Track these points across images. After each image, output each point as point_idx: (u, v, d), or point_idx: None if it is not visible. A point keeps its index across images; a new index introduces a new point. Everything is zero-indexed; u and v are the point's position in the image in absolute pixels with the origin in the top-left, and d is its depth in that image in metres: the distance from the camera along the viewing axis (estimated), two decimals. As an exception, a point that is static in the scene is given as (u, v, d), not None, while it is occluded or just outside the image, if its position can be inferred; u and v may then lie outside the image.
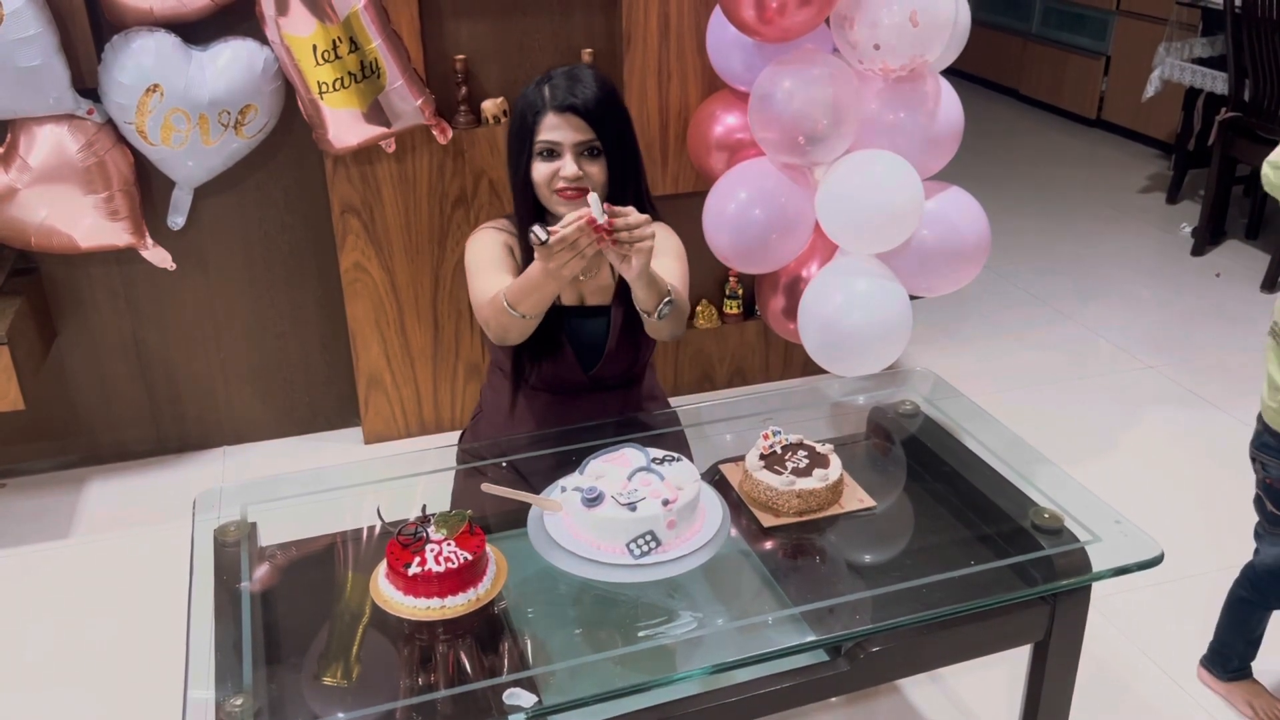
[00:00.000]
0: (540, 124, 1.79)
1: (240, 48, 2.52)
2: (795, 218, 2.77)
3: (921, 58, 2.64)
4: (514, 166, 1.86)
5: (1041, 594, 1.60)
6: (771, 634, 1.50)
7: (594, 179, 1.81)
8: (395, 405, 3.02)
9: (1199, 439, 3.06)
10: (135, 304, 2.82)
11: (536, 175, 1.82)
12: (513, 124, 1.85)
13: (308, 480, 1.88)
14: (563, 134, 1.79)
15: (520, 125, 1.82)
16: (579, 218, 1.58)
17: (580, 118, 1.78)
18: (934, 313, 3.68)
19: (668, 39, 2.84)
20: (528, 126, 1.80)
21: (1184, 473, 2.91)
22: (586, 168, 1.80)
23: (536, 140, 1.80)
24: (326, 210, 2.82)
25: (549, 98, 1.79)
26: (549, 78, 1.82)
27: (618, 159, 1.83)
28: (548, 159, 1.80)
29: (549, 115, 1.78)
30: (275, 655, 1.48)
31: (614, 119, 1.82)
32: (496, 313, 1.76)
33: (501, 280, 1.82)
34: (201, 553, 1.64)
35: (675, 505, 1.54)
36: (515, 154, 1.85)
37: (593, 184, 1.81)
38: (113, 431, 2.93)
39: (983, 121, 5.72)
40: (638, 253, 1.61)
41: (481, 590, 1.49)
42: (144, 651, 2.26)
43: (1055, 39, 6.05)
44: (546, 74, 1.84)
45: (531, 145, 1.81)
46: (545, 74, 1.84)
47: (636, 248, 1.61)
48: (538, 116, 1.79)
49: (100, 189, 2.52)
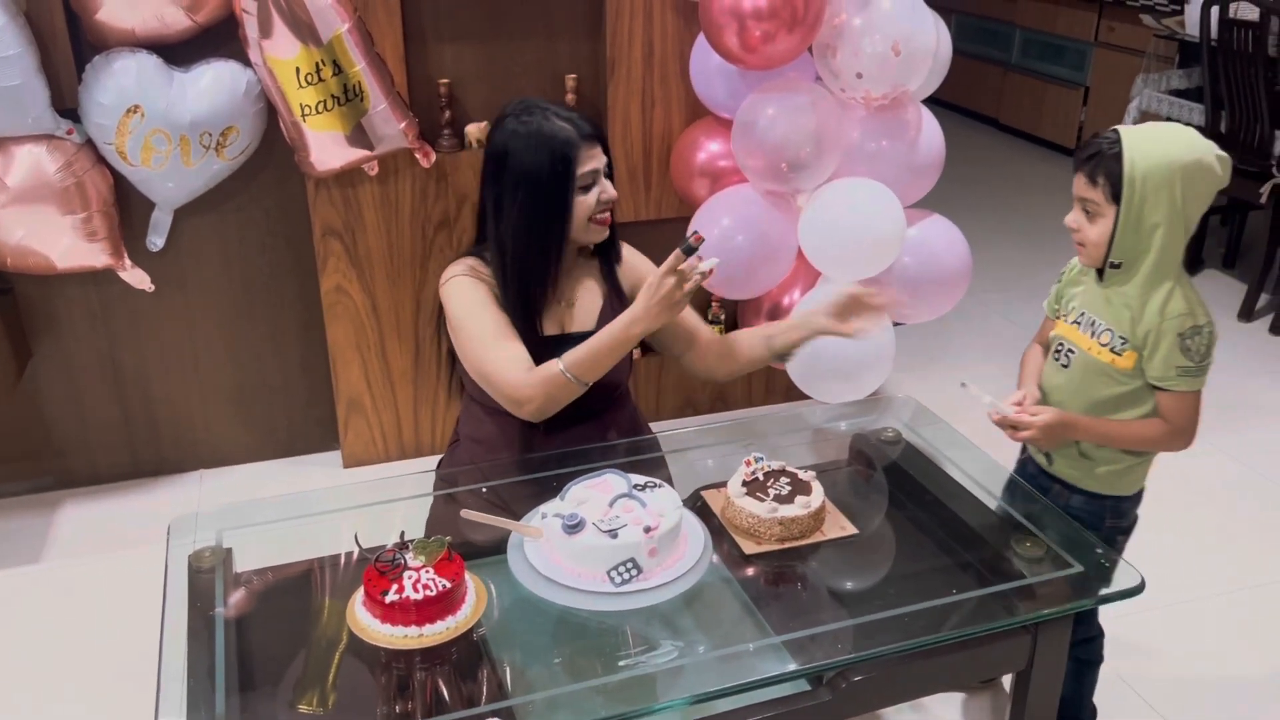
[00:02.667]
0: (579, 156, 1.79)
1: (223, 69, 2.52)
2: (778, 244, 2.78)
3: (903, 87, 2.66)
4: (546, 206, 1.80)
5: (1023, 623, 1.60)
6: (753, 663, 1.49)
7: (615, 197, 1.88)
8: (375, 429, 3.00)
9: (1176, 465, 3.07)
10: (112, 325, 2.79)
11: (582, 209, 1.82)
12: (536, 166, 1.77)
13: (285, 505, 1.86)
14: (597, 161, 1.82)
15: (555, 166, 1.77)
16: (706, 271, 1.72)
17: (599, 143, 1.83)
18: (916, 340, 3.70)
19: (652, 66, 2.85)
20: (569, 162, 1.77)
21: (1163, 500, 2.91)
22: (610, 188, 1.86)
23: (579, 173, 1.79)
24: (308, 232, 2.80)
25: (574, 131, 1.78)
26: (537, 112, 1.79)
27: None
28: (588, 190, 1.82)
29: (583, 146, 1.79)
30: (249, 683, 1.45)
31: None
32: (553, 388, 1.74)
33: (515, 348, 1.79)
34: (176, 578, 1.62)
35: (657, 532, 1.53)
36: (553, 193, 1.79)
37: (615, 202, 1.88)
38: (87, 454, 2.90)
39: (963, 150, 5.78)
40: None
41: (460, 618, 1.47)
42: (116, 679, 2.22)
43: (1035, 69, 6.12)
44: (530, 110, 1.80)
45: (572, 182, 1.79)
46: (525, 111, 1.80)
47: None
48: (575, 150, 1.78)
49: (79, 209, 2.50)
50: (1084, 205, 1.66)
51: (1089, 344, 1.73)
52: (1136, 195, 1.59)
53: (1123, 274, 1.66)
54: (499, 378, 1.78)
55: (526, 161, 1.78)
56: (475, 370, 1.83)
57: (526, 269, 1.83)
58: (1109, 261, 1.66)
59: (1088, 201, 1.65)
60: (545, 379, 1.75)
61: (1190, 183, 1.59)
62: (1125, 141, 1.60)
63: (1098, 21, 5.61)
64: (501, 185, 1.81)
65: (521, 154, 1.78)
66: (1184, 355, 1.64)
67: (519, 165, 1.79)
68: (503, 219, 1.82)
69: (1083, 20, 5.70)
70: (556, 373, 1.74)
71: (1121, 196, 1.60)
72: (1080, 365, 1.74)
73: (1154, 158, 1.58)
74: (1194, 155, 1.59)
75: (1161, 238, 1.61)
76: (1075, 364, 1.75)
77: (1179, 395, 1.67)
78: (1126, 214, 1.60)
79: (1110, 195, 1.61)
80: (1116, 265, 1.66)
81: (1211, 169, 1.60)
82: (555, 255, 1.84)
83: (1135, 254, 1.64)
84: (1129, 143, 1.60)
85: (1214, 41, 3.86)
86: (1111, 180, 1.60)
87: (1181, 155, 1.58)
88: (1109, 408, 1.73)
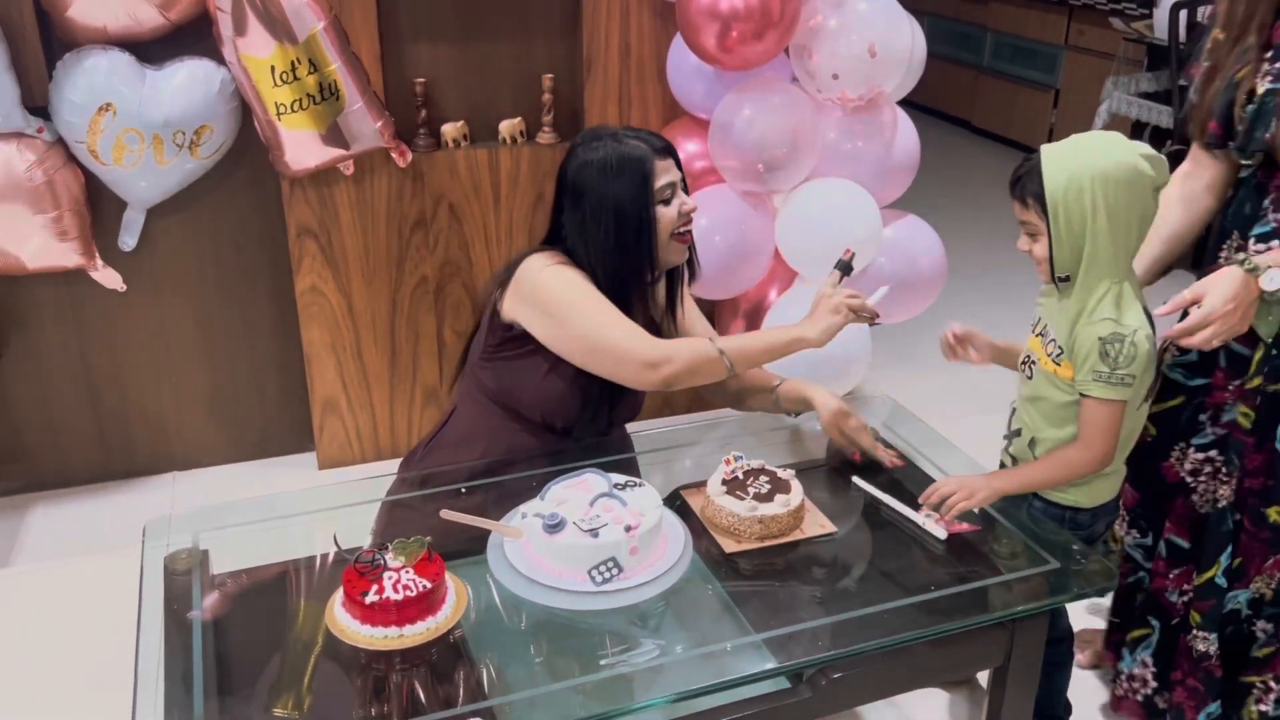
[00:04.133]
0: (655, 170, 1.80)
1: (196, 67, 2.49)
2: (755, 244, 2.79)
3: (879, 88, 2.68)
4: (636, 224, 1.80)
5: (1001, 619, 1.61)
6: (733, 661, 1.49)
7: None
8: (350, 430, 2.98)
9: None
10: (83, 326, 2.76)
11: (664, 221, 1.83)
12: (620, 185, 1.78)
13: (261, 507, 1.84)
14: (672, 174, 1.83)
15: (635, 178, 1.79)
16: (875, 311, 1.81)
17: (672, 158, 1.84)
18: (891, 339, 3.72)
19: (629, 66, 2.86)
20: (646, 175, 1.79)
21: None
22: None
23: (658, 187, 1.80)
24: (282, 232, 2.78)
25: (648, 147, 1.80)
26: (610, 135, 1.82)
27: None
28: (668, 204, 1.83)
29: (657, 160, 1.80)
30: (227, 686, 1.44)
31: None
32: (701, 359, 1.78)
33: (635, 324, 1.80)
34: (151, 581, 1.60)
35: (638, 531, 1.53)
36: (638, 210, 1.80)
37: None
38: (58, 457, 2.86)
39: (937, 152, 5.81)
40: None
41: (440, 619, 1.46)
42: (90, 683, 2.19)
43: (1006, 72, 6.18)
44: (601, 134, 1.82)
45: (651, 195, 1.80)
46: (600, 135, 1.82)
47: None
48: (650, 164, 1.79)
49: (49, 208, 2.47)
50: (1025, 228, 1.69)
51: (1042, 354, 1.75)
52: (1060, 209, 1.60)
53: (1070, 285, 1.68)
54: (630, 344, 1.77)
55: (606, 183, 1.79)
56: (593, 346, 1.78)
57: (618, 291, 1.83)
58: (1056, 277, 1.68)
59: (1026, 224, 1.68)
60: (695, 348, 1.80)
61: (1113, 187, 1.58)
62: (1044, 159, 1.62)
63: (1068, 25, 5.67)
64: (583, 212, 1.81)
65: (598, 177, 1.80)
66: (1101, 360, 1.62)
67: (599, 189, 1.80)
68: (590, 245, 1.82)
69: (1053, 24, 5.76)
70: (710, 348, 1.79)
71: (1048, 211, 1.62)
72: (1038, 376, 1.77)
73: (1069, 170, 1.59)
74: (1113, 160, 1.58)
75: (1093, 246, 1.61)
76: (1035, 375, 1.78)
77: (1092, 405, 1.65)
78: (1055, 229, 1.62)
79: (1041, 213, 1.63)
80: (1065, 279, 1.68)
81: (1137, 170, 1.58)
82: (647, 273, 1.86)
83: (1075, 266, 1.65)
84: (1047, 159, 1.62)
85: (1182, 44, 3.91)
86: (1038, 199, 1.62)
87: (1098, 163, 1.58)
88: (1061, 417, 1.74)
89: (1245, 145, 1.71)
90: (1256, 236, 1.70)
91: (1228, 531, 1.80)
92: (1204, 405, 1.83)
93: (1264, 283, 1.58)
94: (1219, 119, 1.75)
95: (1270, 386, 1.71)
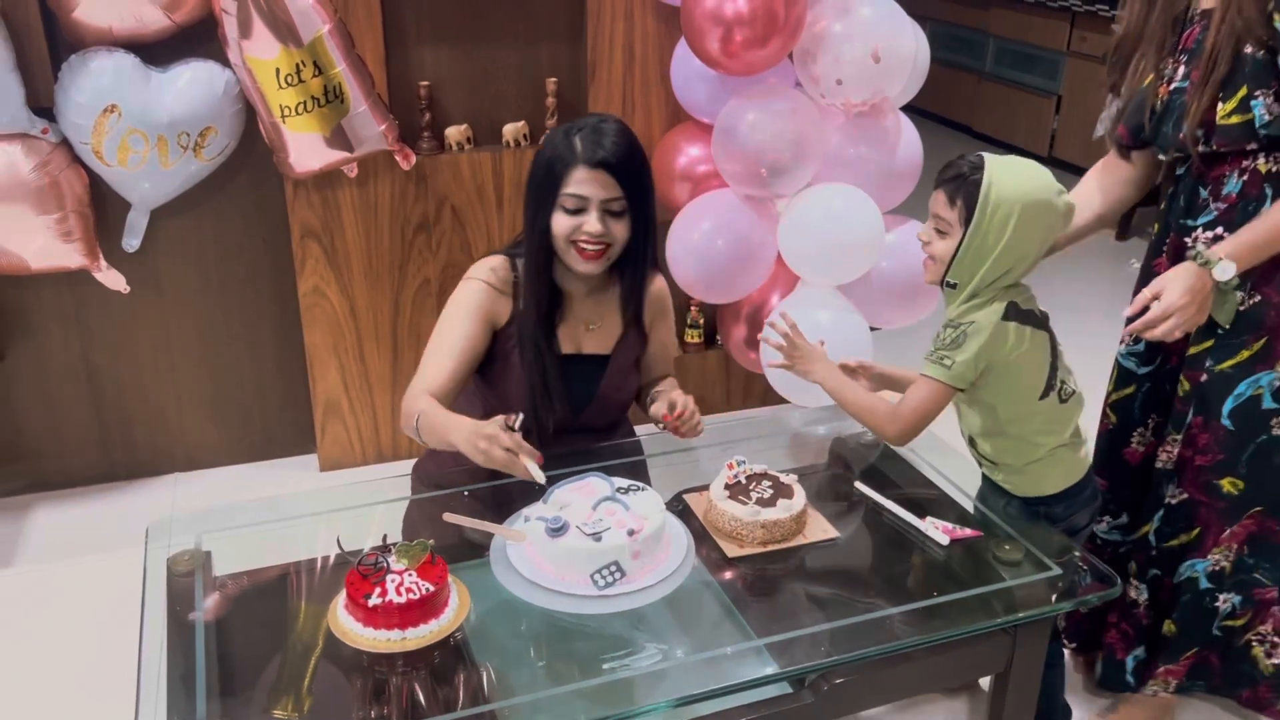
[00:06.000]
0: (569, 177, 1.76)
1: (201, 69, 2.50)
2: (757, 249, 2.79)
3: (882, 93, 2.68)
4: (532, 213, 1.83)
5: (1003, 625, 1.61)
6: (735, 666, 1.49)
7: (616, 237, 1.80)
8: (352, 432, 2.98)
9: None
10: (86, 327, 2.76)
11: (557, 227, 1.79)
12: (536, 170, 1.81)
13: (264, 508, 1.85)
14: (591, 189, 1.76)
15: (546, 175, 1.78)
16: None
17: (610, 175, 1.76)
18: (893, 344, 3.72)
19: (632, 70, 2.86)
20: (555, 177, 1.77)
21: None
22: (610, 225, 1.79)
23: (563, 193, 1.77)
24: (286, 234, 2.78)
25: (580, 151, 1.76)
26: (578, 128, 1.80)
27: (641, 219, 1.83)
28: (572, 213, 1.78)
29: (579, 169, 1.76)
30: (230, 688, 1.44)
31: (642, 178, 1.82)
32: (406, 421, 1.78)
33: (444, 370, 1.82)
34: (154, 582, 1.60)
35: (641, 535, 1.53)
36: (537, 202, 1.81)
37: (614, 241, 1.81)
38: (60, 457, 2.86)
39: (939, 157, 5.79)
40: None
41: (443, 622, 1.46)
42: (92, 684, 2.19)
43: (1008, 78, 6.19)
44: (574, 123, 1.81)
45: (556, 197, 1.78)
46: (572, 122, 1.82)
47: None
48: (567, 169, 1.76)
49: (53, 209, 2.47)
50: (936, 222, 1.70)
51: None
52: (985, 221, 1.63)
53: (954, 294, 1.71)
54: (413, 383, 1.83)
55: (533, 168, 1.83)
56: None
57: (529, 273, 1.85)
58: (945, 280, 1.70)
59: (940, 220, 1.69)
60: (408, 412, 1.78)
61: (1032, 219, 1.63)
62: (988, 169, 1.64)
63: (1070, 31, 5.67)
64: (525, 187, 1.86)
65: (534, 161, 1.83)
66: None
67: (530, 171, 1.83)
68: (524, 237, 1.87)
69: (1055, 29, 5.76)
70: (413, 414, 1.76)
71: (972, 221, 1.63)
72: None
73: (1009, 189, 1.62)
74: (1045, 195, 1.64)
75: (990, 265, 1.65)
76: None
77: (918, 381, 1.72)
78: (972, 238, 1.64)
79: (963, 218, 1.65)
80: (951, 285, 1.70)
81: (1054, 210, 1.65)
82: (546, 266, 1.84)
83: (968, 277, 1.68)
84: (991, 170, 1.63)
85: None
86: (968, 204, 1.64)
87: (1034, 191, 1.63)
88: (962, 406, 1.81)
89: (1160, 143, 1.80)
90: (1203, 225, 1.77)
91: (1161, 498, 1.90)
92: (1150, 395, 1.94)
93: (1217, 274, 1.66)
94: (1127, 124, 1.85)
95: (1218, 366, 1.78)
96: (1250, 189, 1.72)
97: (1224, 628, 1.93)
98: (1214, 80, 1.67)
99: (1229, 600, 1.90)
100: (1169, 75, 1.78)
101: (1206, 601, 1.91)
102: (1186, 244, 1.79)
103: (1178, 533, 1.89)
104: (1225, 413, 1.79)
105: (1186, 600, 1.91)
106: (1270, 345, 1.75)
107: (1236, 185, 1.73)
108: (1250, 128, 1.67)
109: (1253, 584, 1.88)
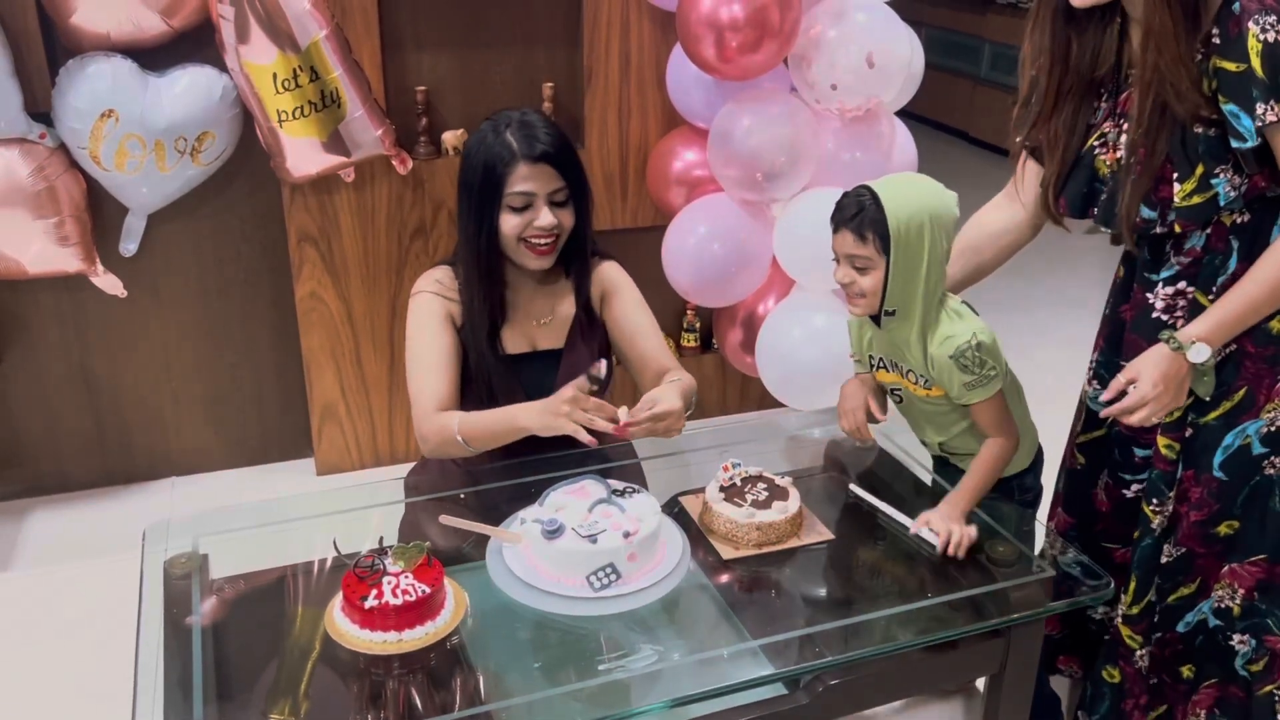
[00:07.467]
0: (511, 175, 1.76)
1: (199, 74, 2.51)
2: (753, 253, 2.80)
3: (877, 98, 2.69)
4: (476, 218, 1.80)
5: (997, 627, 1.62)
6: (730, 667, 1.50)
7: (565, 226, 1.81)
8: (349, 436, 2.98)
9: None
10: (84, 331, 2.77)
11: (507, 227, 1.79)
12: (472, 175, 1.79)
13: (261, 511, 1.85)
14: (536, 184, 1.77)
15: (487, 177, 1.77)
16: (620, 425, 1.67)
17: (552, 166, 1.77)
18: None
19: (629, 75, 2.87)
20: (497, 178, 1.76)
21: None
22: (559, 215, 1.80)
23: (508, 192, 1.76)
24: (283, 239, 2.79)
25: (518, 148, 1.75)
26: (504, 124, 1.78)
27: (582, 205, 1.84)
28: (520, 211, 1.78)
29: (520, 166, 1.75)
30: (226, 691, 1.45)
31: (577, 165, 1.83)
32: (444, 440, 1.77)
33: (442, 382, 1.81)
34: (151, 586, 1.60)
35: (636, 537, 1.54)
36: (479, 206, 1.79)
37: (563, 231, 1.81)
38: (57, 461, 2.86)
39: (934, 162, 5.82)
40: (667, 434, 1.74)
41: (439, 624, 1.47)
42: (89, 688, 2.20)
43: (1004, 83, 6.21)
44: (498, 121, 1.80)
45: (500, 197, 1.77)
46: (496, 120, 1.80)
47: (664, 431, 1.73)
48: (508, 167, 1.76)
49: (50, 214, 2.48)
50: (852, 261, 1.69)
51: (905, 383, 1.80)
52: (903, 244, 1.64)
53: (898, 320, 1.71)
54: (414, 406, 1.84)
55: (466, 173, 1.81)
56: (408, 387, 1.86)
57: (472, 283, 1.84)
58: (883, 310, 1.71)
59: (857, 258, 1.68)
60: (441, 429, 1.78)
61: (941, 224, 1.65)
62: (882, 195, 1.65)
63: (1066, 36, 5.69)
64: (458, 194, 1.84)
65: (466, 165, 1.81)
66: (964, 373, 1.69)
67: (463, 176, 1.82)
68: (458, 230, 1.85)
69: (1051, 35, 5.78)
70: (451, 430, 1.76)
71: (891, 246, 1.64)
72: (910, 400, 1.82)
73: (911, 206, 1.64)
74: (940, 198, 1.67)
75: (926, 280, 1.66)
76: (907, 399, 1.83)
77: (979, 407, 1.72)
78: (896, 264, 1.65)
79: (880, 248, 1.66)
80: (891, 313, 1.71)
81: (951, 206, 1.68)
82: (495, 271, 1.84)
83: (906, 299, 1.68)
84: (885, 196, 1.65)
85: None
86: (879, 234, 1.65)
87: (930, 201, 1.66)
88: (948, 422, 1.81)
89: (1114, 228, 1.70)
90: (1164, 280, 1.71)
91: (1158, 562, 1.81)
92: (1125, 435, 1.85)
93: (1191, 356, 1.61)
94: (1069, 197, 1.75)
95: (1201, 420, 1.72)
96: (1215, 243, 1.65)
97: (1249, 671, 1.82)
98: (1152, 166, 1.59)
99: (1245, 642, 1.81)
100: (1112, 141, 1.67)
101: (1220, 639, 1.82)
102: (1149, 301, 1.72)
103: (1178, 586, 1.81)
104: (1216, 465, 1.72)
105: (1200, 642, 1.83)
106: (1251, 395, 1.67)
107: (1200, 240, 1.66)
108: (1214, 204, 1.59)
109: (1264, 630, 1.78)
